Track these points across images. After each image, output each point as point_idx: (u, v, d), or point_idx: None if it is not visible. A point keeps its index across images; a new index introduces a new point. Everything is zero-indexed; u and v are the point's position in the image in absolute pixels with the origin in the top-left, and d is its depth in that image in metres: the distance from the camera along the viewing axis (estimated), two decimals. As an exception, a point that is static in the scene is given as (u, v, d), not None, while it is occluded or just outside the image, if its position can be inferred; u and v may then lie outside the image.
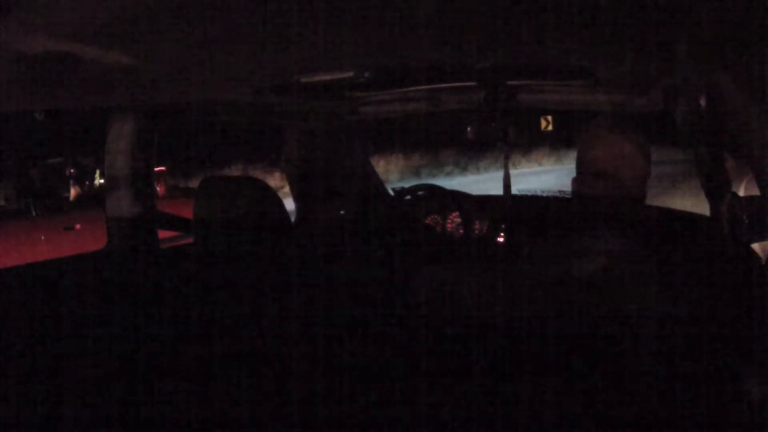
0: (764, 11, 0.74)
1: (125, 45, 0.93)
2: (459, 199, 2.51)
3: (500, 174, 2.20)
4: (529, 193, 2.51)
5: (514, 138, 2.09)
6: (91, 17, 0.77)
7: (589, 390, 1.04)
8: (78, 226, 5.09)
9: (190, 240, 1.39)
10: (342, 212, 1.13)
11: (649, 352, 1.06)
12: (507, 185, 2.16)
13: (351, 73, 1.48)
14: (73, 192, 5.91)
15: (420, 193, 2.65)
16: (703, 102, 1.23)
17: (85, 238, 4.98)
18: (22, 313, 1.36)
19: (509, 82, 1.86)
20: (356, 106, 2.29)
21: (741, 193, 1.77)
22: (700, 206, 2.27)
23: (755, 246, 1.65)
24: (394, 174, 15.44)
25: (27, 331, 1.33)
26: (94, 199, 5.63)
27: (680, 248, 1.23)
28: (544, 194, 2.46)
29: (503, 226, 2.24)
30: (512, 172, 2.20)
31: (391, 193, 2.76)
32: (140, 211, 1.68)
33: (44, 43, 0.84)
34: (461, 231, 2.42)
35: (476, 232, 2.39)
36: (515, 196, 2.44)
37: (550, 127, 2.46)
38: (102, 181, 5.87)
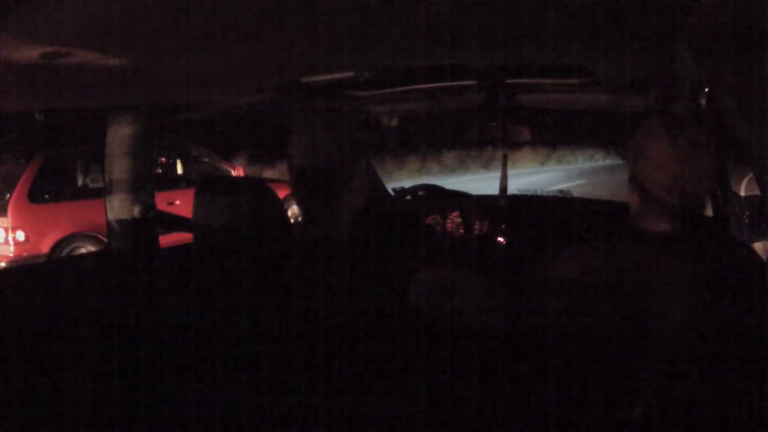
0: (763, 11, 0.74)
1: (125, 45, 0.93)
2: (459, 199, 2.51)
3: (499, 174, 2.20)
4: (529, 193, 2.51)
5: (514, 137, 2.09)
6: (92, 19, 0.77)
7: (591, 392, 1.04)
8: (178, 202, 6.18)
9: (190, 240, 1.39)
10: (341, 212, 1.14)
11: (650, 351, 1.06)
12: (504, 186, 2.15)
13: (351, 73, 1.49)
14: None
15: (420, 193, 2.65)
16: (703, 102, 1.23)
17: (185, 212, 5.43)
18: (23, 313, 1.36)
19: (509, 81, 1.87)
20: (356, 106, 2.29)
21: (741, 193, 1.77)
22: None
23: (755, 245, 1.66)
24: (394, 174, 15.43)
25: (27, 331, 1.33)
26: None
27: (681, 247, 1.23)
28: (544, 194, 2.46)
29: (503, 226, 2.24)
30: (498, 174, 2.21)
31: (391, 193, 2.77)
32: (140, 211, 1.68)
33: (45, 45, 0.84)
34: (461, 231, 2.42)
35: (476, 232, 2.39)
36: (515, 196, 2.44)
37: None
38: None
